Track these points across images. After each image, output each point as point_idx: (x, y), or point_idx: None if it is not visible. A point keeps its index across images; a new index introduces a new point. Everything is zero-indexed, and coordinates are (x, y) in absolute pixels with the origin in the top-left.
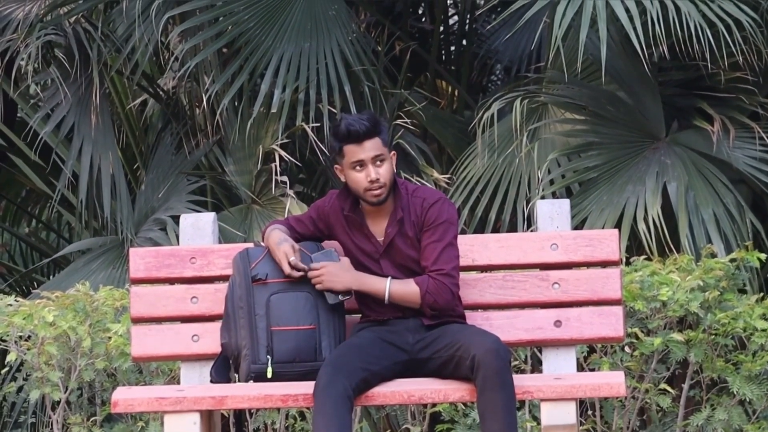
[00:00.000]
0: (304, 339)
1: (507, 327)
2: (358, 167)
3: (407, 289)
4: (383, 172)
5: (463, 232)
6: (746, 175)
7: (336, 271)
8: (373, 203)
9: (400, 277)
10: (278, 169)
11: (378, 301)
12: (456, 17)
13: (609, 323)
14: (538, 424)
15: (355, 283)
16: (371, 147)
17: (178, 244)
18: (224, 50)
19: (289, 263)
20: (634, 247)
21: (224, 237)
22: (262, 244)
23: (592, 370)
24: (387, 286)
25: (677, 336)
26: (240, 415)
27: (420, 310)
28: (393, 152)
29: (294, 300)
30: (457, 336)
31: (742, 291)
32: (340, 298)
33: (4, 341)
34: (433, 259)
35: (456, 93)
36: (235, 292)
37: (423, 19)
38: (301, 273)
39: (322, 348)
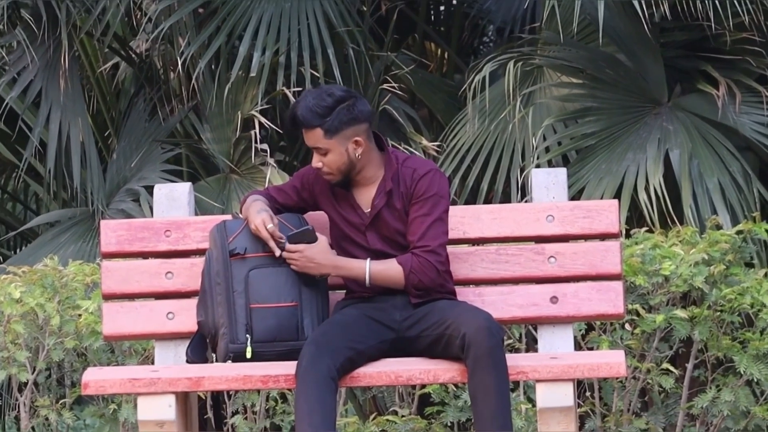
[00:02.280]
0: (285, 317)
1: (500, 303)
2: None
3: (389, 270)
4: (327, 161)
5: (454, 202)
6: (753, 142)
7: (312, 255)
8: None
9: (386, 250)
10: (258, 136)
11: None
12: None
13: (608, 299)
14: (534, 406)
15: (332, 270)
16: (308, 138)
17: (152, 216)
18: (200, 10)
19: (267, 230)
20: (634, 218)
21: (201, 208)
22: (241, 215)
23: (591, 348)
24: (367, 270)
25: (680, 313)
26: (218, 397)
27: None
28: (356, 138)
29: (274, 276)
30: (447, 313)
31: (749, 265)
32: (317, 277)
33: None
34: (420, 234)
35: (446, 55)
36: (212, 267)
37: None
38: (279, 245)
39: (304, 326)
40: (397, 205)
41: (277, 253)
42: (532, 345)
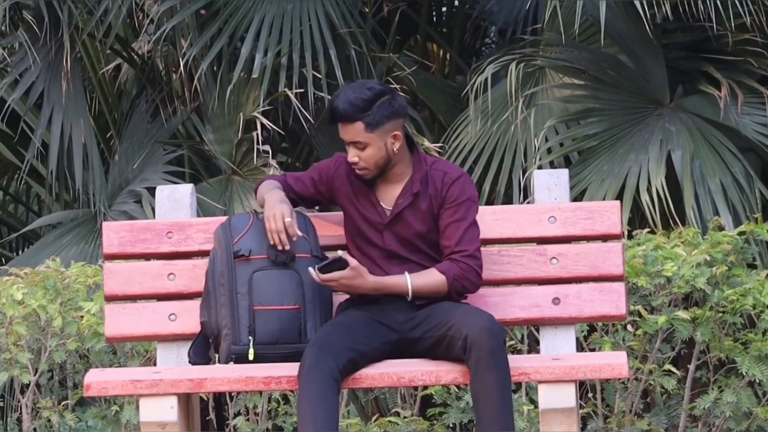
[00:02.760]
0: (288, 320)
1: (502, 305)
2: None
3: (431, 280)
4: (364, 156)
5: None
6: (755, 143)
7: (349, 283)
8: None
9: (400, 252)
10: (260, 137)
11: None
12: None
13: (610, 300)
14: (536, 407)
15: (373, 291)
16: (347, 131)
17: (154, 217)
18: (202, 12)
19: (284, 222)
20: (636, 219)
21: (203, 210)
22: (256, 199)
23: (593, 350)
24: (409, 284)
25: (683, 314)
26: (220, 398)
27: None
28: (395, 132)
29: (278, 278)
30: (449, 315)
31: (752, 266)
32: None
33: None
34: (457, 239)
35: (448, 57)
36: (216, 267)
37: None
38: (291, 240)
39: (307, 329)
40: (422, 207)
41: (287, 247)
42: (534, 346)
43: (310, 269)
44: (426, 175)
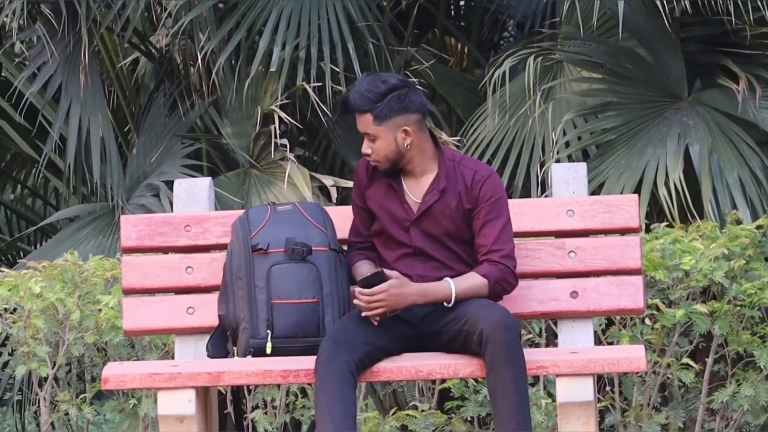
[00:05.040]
0: (306, 313)
1: (520, 298)
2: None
3: (474, 285)
4: (375, 148)
5: None
6: None
7: (397, 292)
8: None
9: (427, 249)
10: (278, 131)
11: (393, 268)
12: None
13: (628, 294)
14: (554, 401)
15: (418, 298)
16: (359, 122)
17: (172, 210)
18: (220, 5)
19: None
20: (654, 213)
21: (221, 203)
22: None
23: (611, 343)
24: (453, 290)
25: (701, 307)
26: (238, 391)
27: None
28: (404, 128)
29: (296, 272)
30: (465, 309)
31: None
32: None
33: None
34: (494, 238)
35: (466, 50)
36: (233, 261)
37: None
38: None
39: (326, 323)
40: (452, 203)
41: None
42: (552, 340)
43: (357, 291)
44: (453, 171)
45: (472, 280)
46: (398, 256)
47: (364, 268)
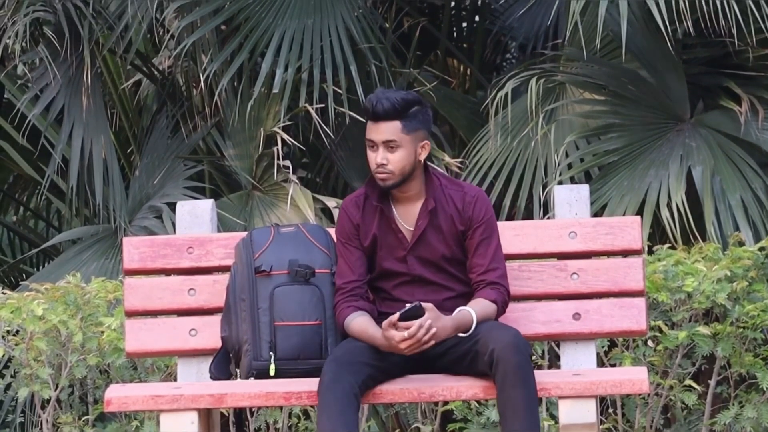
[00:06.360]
0: (309, 335)
1: (523, 320)
2: (369, 145)
3: (488, 310)
4: (393, 159)
5: None
6: None
7: (440, 325)
8: (379, 186)
9: (426, 276)
10: (280, 153)
11: (392, 295)
12: None
13: (631, 316)
14: (556, 422)
15: (453, 330)
16: (385, 130)
17: (175, 232)
18: (223, 27)
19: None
20: (657, 235)
21: (223, 225)
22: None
23: (613, 365)
24: (474, 319)
25: (703, 329)
26: (240, 413)
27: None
28: (424, 142)
29: (300, 294)
30: (475, 330)
31: None
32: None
33: None
34: (490, 258)
35: (468, 72)
36: (236, 283)
37: None
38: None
39: (328, 345)
40: (444, 227)
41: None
42: (554, 362)
43: (393, 322)
44: (441, 194)
45: (485, 307)
46: (396, 284)
47: (363, 322)
